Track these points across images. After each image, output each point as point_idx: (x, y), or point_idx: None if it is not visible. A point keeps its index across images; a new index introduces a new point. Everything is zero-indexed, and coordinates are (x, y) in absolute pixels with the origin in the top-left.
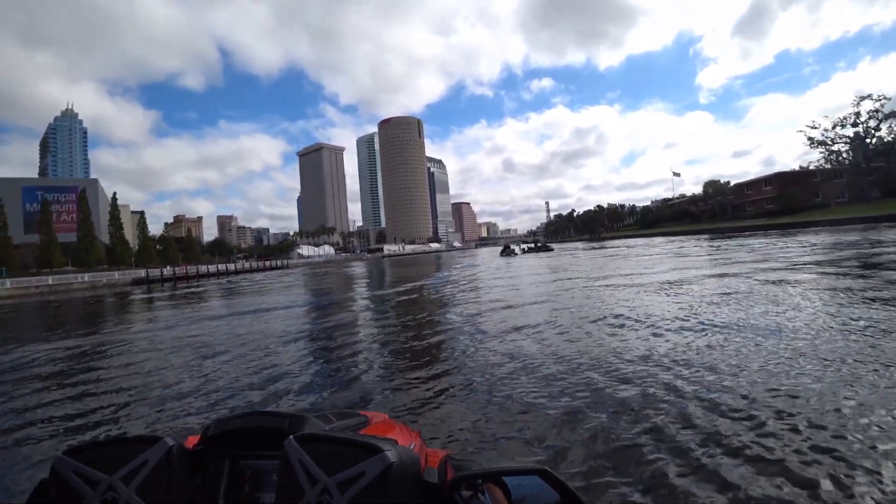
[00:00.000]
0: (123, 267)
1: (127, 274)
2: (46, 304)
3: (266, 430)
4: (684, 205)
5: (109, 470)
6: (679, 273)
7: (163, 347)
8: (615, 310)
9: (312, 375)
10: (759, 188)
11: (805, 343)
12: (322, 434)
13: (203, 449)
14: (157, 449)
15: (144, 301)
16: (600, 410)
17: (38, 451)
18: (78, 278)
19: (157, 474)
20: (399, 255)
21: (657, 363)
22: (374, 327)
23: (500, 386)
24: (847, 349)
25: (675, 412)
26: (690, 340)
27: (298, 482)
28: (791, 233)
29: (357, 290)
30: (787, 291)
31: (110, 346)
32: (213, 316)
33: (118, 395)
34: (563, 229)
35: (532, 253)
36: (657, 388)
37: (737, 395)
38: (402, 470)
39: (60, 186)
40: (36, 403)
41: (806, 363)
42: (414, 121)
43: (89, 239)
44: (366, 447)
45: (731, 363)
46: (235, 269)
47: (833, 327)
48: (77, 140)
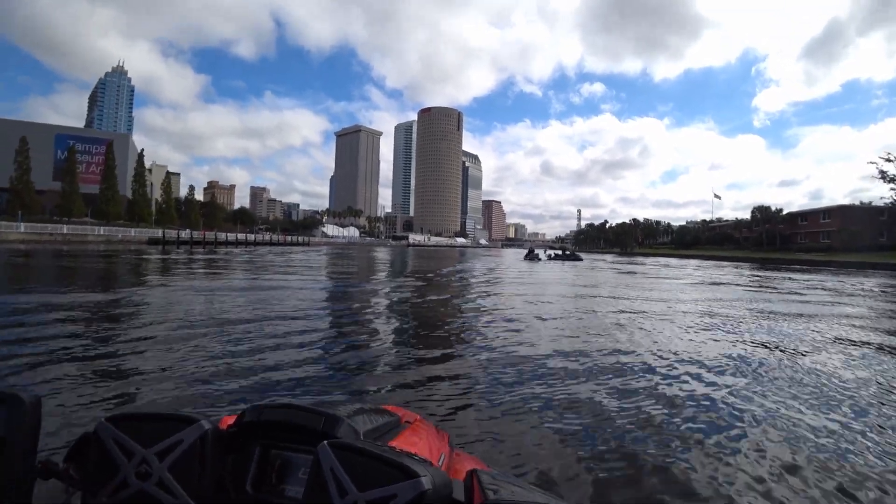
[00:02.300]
0: (143, 224)
1: (144, 232)
2: (57, 254)
3: (300, 426)
4: (727, 228)
5: (146, 443)
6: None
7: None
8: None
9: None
10: (815, 220)
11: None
12: (357, 446)
13: (236, 433)
14: (193, 430)
15: (152, 262)
16: None
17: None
18: (94, 231)
19: (190, 454)
20: (423, 246)
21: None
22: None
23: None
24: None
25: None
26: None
27: (328, 490)
28: (854, 272)
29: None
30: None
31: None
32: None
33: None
34: (594, 239)
35: (558, 261)
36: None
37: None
38: (435, 496)
39: (93, 138)
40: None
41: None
42: (454, 113)
43: (111, 192)
44: (401, 468)
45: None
46: (255, 240)
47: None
48: (124, 97)
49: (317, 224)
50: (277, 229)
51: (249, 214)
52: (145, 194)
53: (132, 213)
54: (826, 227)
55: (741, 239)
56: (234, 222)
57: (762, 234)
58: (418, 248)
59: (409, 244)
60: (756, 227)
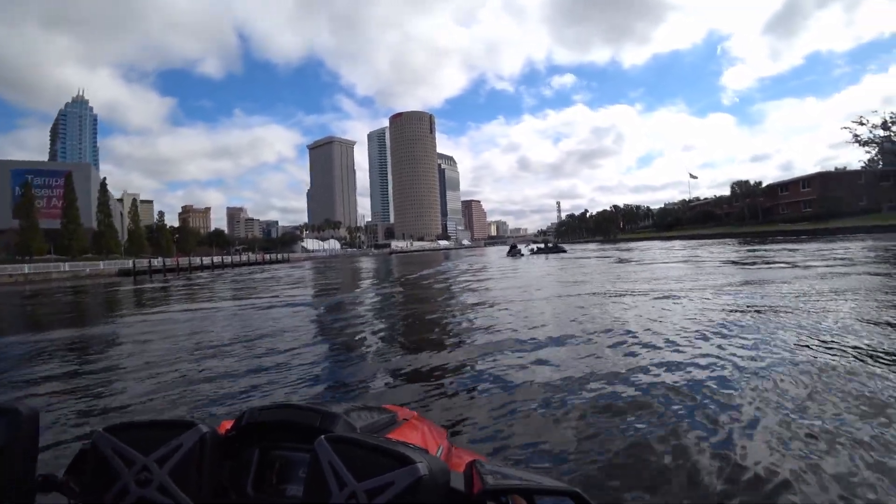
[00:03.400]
0: (113, 256)
1: (112, 264)
2: (15, 295)
3: (298, 424)
4: (708, 206)
5: (145, 451)
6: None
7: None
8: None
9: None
10: (795, 190)
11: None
12: (354, 438)
13: (235, 436)
14: (191, 434)
15: (116, 294)
16: None
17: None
18: (59, 267)
19: (189, 459)
20: (406, 252)
21: None
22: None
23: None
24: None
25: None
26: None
27: (327, 483)
28: (841, 238)
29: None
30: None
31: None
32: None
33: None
34: (576, 229)
35: (542, 254)
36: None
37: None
38: (432, 482)
39: (51, 171)
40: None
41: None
42: (426, 116)
43: (73, 226)
44: (397, 457)
45: None
46: (231, 261)
47: None
48: (87, 127)
49: (296, 240)
50: (255, 248)
51: (225, 236)
52: (111, 224)
53: (99, 245)
54: (806, 195)
55: (723, 215)
56: (210, 245)
57: (744, 209)
58: (400, 255)
59: (392, 251)
60: (736, 202)
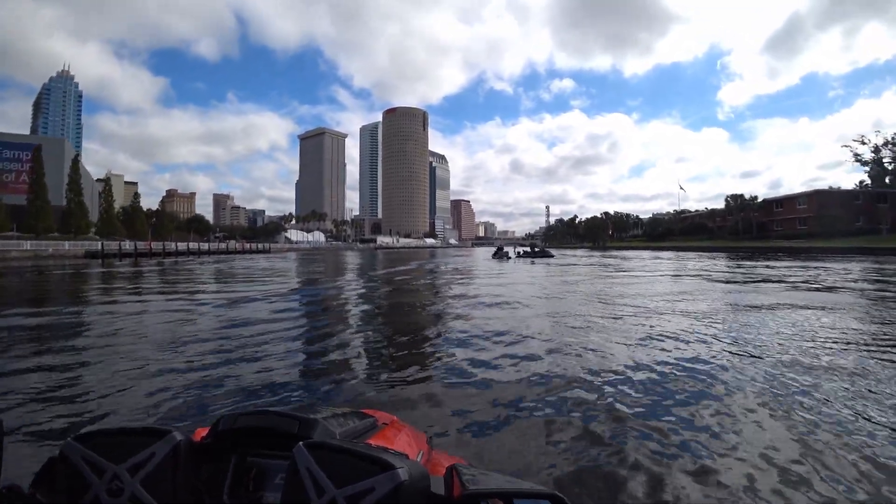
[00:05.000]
0: (82, 237)
1: (79, 245)
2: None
3: (276, 430)
4: (700, 218)
5: (117, 459)
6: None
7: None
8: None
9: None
10: (791, 206)
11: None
12: (332, 444)
13: (210, 443)
14: (165, 443)
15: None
16: None
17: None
18: (19, 245)
19: (163, 467)
20: (391, 248)
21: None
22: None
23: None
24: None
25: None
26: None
27: (305, 490)
28: (840, 258)
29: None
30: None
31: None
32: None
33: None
34: (565, 235)
35: (528, 258)
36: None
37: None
38: (412, 487)
39: (20, 143)
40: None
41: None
42: (420, 112)
43: (41, 202)
44: (377, 462)
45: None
46: (209, 249)
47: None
48: (71, 102)
49: (280, 230)
50: (236, 236)
51: (205, 222)
52: (82, 203)
53: (68, 225)
54: (802, 213)
55: (715, 228)
56: (188, 231)
57: (737, 223)
58: (385, 251)
59: (377, 247)
60: (730, 215)
